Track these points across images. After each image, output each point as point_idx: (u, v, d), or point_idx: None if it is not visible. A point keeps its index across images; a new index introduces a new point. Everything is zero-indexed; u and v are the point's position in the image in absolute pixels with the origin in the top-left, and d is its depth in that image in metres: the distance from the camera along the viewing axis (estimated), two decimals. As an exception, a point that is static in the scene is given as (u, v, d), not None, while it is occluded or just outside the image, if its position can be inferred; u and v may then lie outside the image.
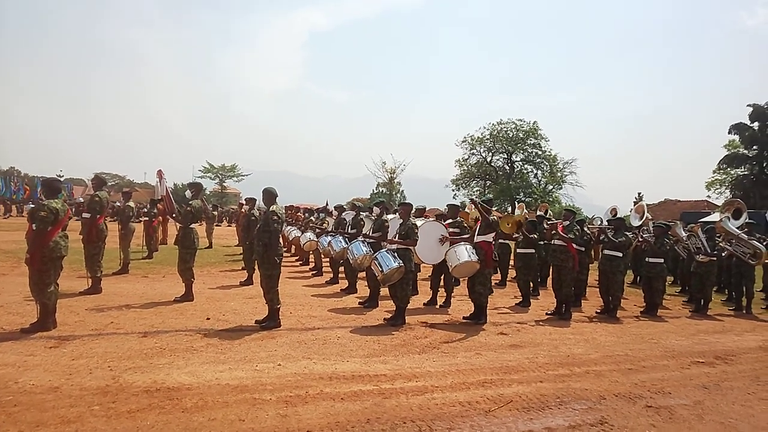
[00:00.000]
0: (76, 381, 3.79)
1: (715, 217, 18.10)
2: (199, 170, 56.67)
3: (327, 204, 13.59)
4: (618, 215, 9.97)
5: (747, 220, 9.14)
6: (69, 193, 33.88)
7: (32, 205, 5.73)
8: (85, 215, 7.44)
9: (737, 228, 9.02)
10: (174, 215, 7.80)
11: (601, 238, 8.04)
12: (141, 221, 12.12)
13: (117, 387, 3.72)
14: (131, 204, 9.98)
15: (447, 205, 8.58)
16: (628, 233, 8.16)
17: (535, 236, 8.55)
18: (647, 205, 14.42)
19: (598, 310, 7.81)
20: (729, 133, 34.55)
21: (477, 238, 6.67)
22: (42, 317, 5.11)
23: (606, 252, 7.92)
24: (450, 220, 7.78)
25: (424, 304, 7.69)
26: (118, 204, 10.00)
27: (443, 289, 7.79)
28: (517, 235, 8.89)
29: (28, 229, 5.15)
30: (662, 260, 8.10)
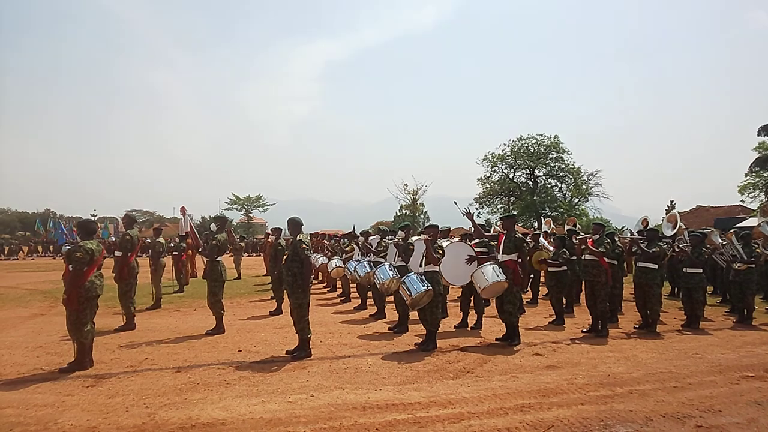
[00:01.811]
0: (113, 420, 3.83)
1: (752, 221, 17.45)
2: (226, 202, 57.99)
3: (354, 229, 13.61)
4: (649, 225, 9.71)
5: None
6: (116, 229, 34.50)
7: (68, 247, 5.91)
8: (117, 253, 7.63)
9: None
10: (200, 249, 7.95)
11: (633, 250, 7.82)
12: (171, 256, 12.37)
13: (153, 425, 3.73)
14: (161, 240, 10.20)
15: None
16: (661, 243, 7.91)
17: (565, 251, 8.38)
18: (679, 213, 14.03)
19: (637, 325, 7.55)
20: (758, 135, 33.44)
21: (502, 257, 6.58)
22: (79, 356, 5.21)
23: (641, 264, 7.67)
24: (477, 240, 7.69)
25: (455, 326, 7.57)
26: (149, 240, 10.23)
27: (473, 311, 7.67)
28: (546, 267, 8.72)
29: (65, 269, 5.30)
30: (701, 270, 7.81)
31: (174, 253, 12.44)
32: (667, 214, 14.08)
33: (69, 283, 5.18)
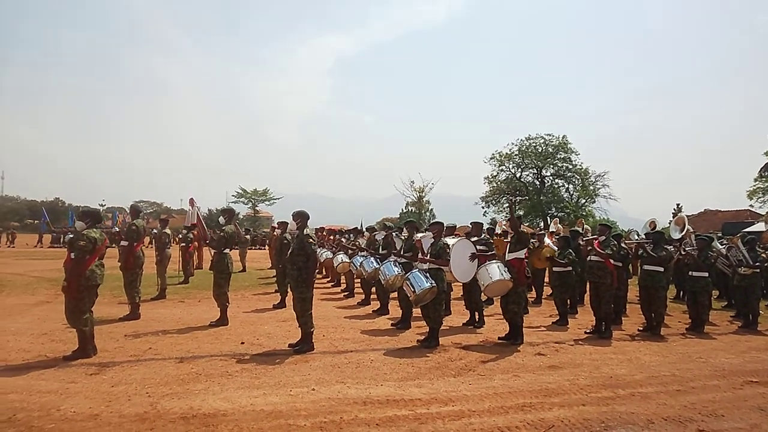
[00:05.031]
0: (116, 408, 3.85)
1: (759, 226, 17.29)
2: (233, 195, 58.08)
3: (361, 225, 13.65)
4: (657, 228, 9.63)
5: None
6: (120, 219, 34.50)
7: (71, 235, 5.94)
8: (123, 243, 7.68)
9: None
10: (207, 241, 7.97)
11: (639, 252, 7.77)
12: (179, 246, 12.42)
13: (155, 414, 3.75)
14: (167, 230, 10.26)
15: (471, 223, 8.46)
16: (668, 246, 7.84)
17: (570, 252, 8.34)
18: (687, 216, 13.92)
19: (641, 328, 7.50)
20: (769, 139, 33.14)
21: (508, 256, 6.55)
22: (82, 344, 5.25)
23: (646, 267, 7.62)
24: (476, 238, 7.66)
25: (463, 324, 7.55)
26: (155, 231, 10.28)
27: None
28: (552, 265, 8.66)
29: (67, 257, 5.34)
30: (707, 274, 7.75)
31: (181, 244, 12.50)
32: (674, 216, 13.96)
33: (70, 271, 5.22)
